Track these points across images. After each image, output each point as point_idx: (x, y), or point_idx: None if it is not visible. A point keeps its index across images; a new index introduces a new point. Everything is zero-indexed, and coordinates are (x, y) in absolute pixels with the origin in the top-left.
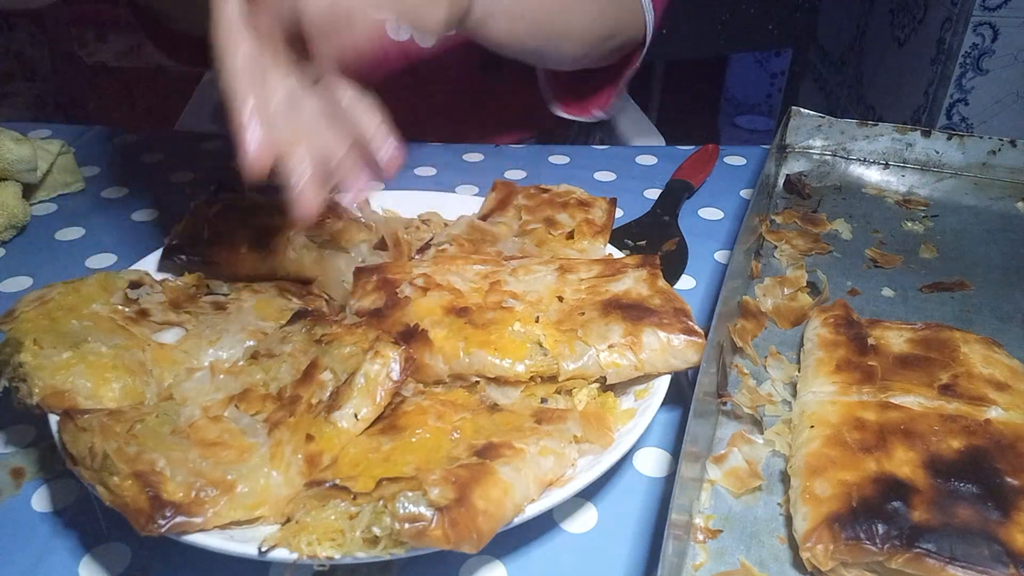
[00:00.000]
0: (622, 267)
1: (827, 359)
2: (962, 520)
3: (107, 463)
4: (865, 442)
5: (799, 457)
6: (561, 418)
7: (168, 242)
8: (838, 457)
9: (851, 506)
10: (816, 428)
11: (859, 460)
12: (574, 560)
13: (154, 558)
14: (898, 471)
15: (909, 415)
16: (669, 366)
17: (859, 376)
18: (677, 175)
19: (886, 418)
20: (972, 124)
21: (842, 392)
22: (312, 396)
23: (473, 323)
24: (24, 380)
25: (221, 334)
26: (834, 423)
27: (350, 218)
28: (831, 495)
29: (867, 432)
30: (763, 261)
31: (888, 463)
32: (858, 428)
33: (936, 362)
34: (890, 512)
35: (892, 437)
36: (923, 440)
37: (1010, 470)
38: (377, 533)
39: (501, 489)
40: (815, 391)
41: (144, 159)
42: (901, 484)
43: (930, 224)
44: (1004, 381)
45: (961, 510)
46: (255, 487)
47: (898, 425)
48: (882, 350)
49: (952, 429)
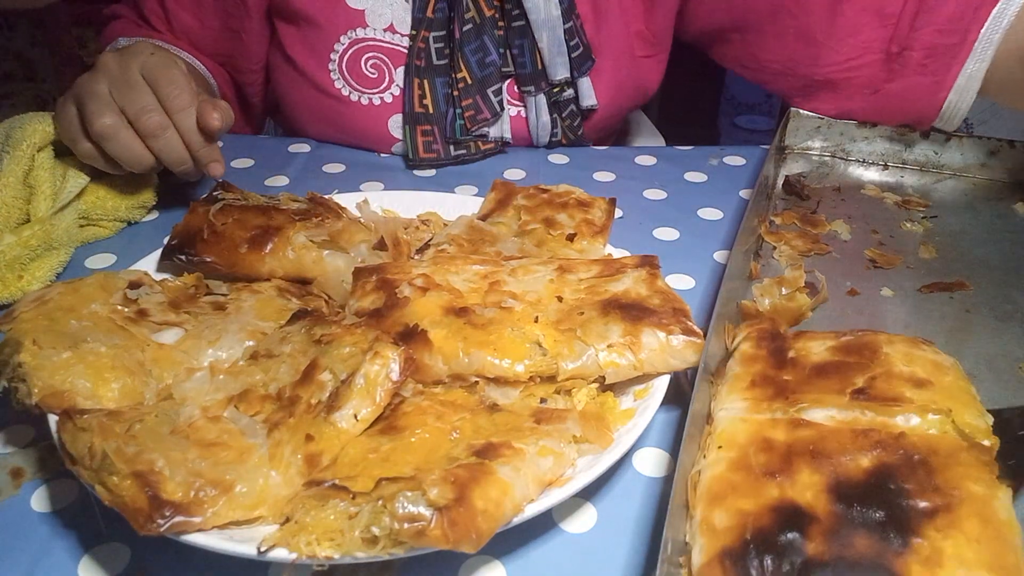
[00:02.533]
0: (621, 267)
1: (743, 375)
2: (858, 551)
3: (106, 463)
4: (770, 465)
5: (703, 482)
6: (560, 418)
7: (168, 242)
8: (740, 483)
9: (745, 539)
10: (723, 449)
11: (761, 486)
12: (574, 560)
13: (153, 558)
14: (800, 497)
15: (819, 432)
16: (668, 366)
17: (771, 392)
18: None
19: (795, 437)
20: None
21: (753, 409)
22: (312, 396)
23: (472, 323)
24: (23, 380)
25: (220, 334)
26: (741, 443)
27: (350, 218)
28: (727, 527)
29: (773, 454)
30: (762, 262)
31: (791, 488)
32: (765, 450)
33: (854, 366)
34: (783, 545)
35: (799, 459)
36: (831, 461)
37: (918, 490)
38: (376, 533)
39: (500, 489)
40: (727, 408)
41: None
42: (800, 513)
43: (929, 225)
44: (925, 377)
45: (859, 540)
46: (254, 487)
47: (807, 445)
48: (800, 362)
49: (863, 445)
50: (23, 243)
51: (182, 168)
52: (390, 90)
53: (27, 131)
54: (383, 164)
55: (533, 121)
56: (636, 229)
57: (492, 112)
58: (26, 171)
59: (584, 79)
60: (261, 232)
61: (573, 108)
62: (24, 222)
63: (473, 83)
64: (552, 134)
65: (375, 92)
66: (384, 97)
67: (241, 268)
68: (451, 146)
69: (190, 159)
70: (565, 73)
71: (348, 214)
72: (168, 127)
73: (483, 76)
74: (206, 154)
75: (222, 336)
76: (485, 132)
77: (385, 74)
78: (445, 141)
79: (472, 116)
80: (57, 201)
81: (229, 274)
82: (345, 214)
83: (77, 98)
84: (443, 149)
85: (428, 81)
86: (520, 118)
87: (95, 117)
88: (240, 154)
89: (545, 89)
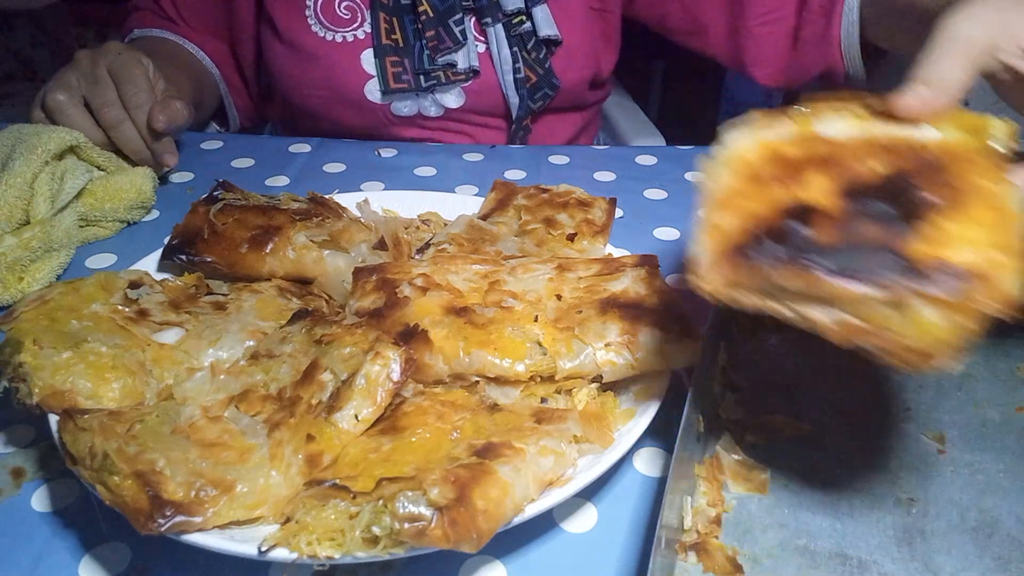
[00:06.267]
0: (620, 266)
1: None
2: (864, 237)
3: (107, 463)
4: (782, 174)
5: (709, 195)
6: (561, 418)
7: (168, 242)
8: (749, 190)
9: (755, 234)
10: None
11: (771, 191)
12: (574, 560)
13: (154, 558)
14: (811, 198)
15: (834, 146)
16: (666, 365)
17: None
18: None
19: (810, 151)
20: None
21: (763, 125)
22: (312, 397)
23: (473, 323)
24: (24, 380)
25: (221, 334)
26: (750, 160)
27: (350, 218)
28: (735, 227)
29: (786, 166)
30: None
31: (802, 191)
32: (777, 162)
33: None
34: (790, 233)
35: (812, 167)
36: (845, 168)
37: (930, 186)
38: (377, 533)
39: (501, 489)
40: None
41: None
42: (811, 210)
43: None
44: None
45: (866, 229)
46: (255, 487)
47: (822, 157)
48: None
49: (880, 155)
50: (24, 244)
51: (139, 158)
52: (363, 27)
53: (43, 138)
54: (383, 164)
55: (496, 55)
56: (636, 229)
57: (455, 41)
58: (35, 174)
59: (539, 8)
60: (262, 232)
61: (536, 40)
62: (24, 223)
63: (435, 15)
64: (515, 69)
65: (348, 30)
66: (357, 34)
67: (242, 268)
68: (421, 77)
69: (145, 150)
70: (518, 3)
71: (348, 214)
72: (125, 120)
73: (444, 9)
74: (157, 148)
75: (223, 336)
76: (453, 62)
77: (358, 14)
78: (415, 72)
79: (435, 46)
80: (56, 202)
81: (229, 274)
82: (345, 214)
83: (48, 86)
84: (413, 80)
85: (397, 19)
86: (486, 55)
87: (49, 92)
88: (240, 154)
89: (502, 20)
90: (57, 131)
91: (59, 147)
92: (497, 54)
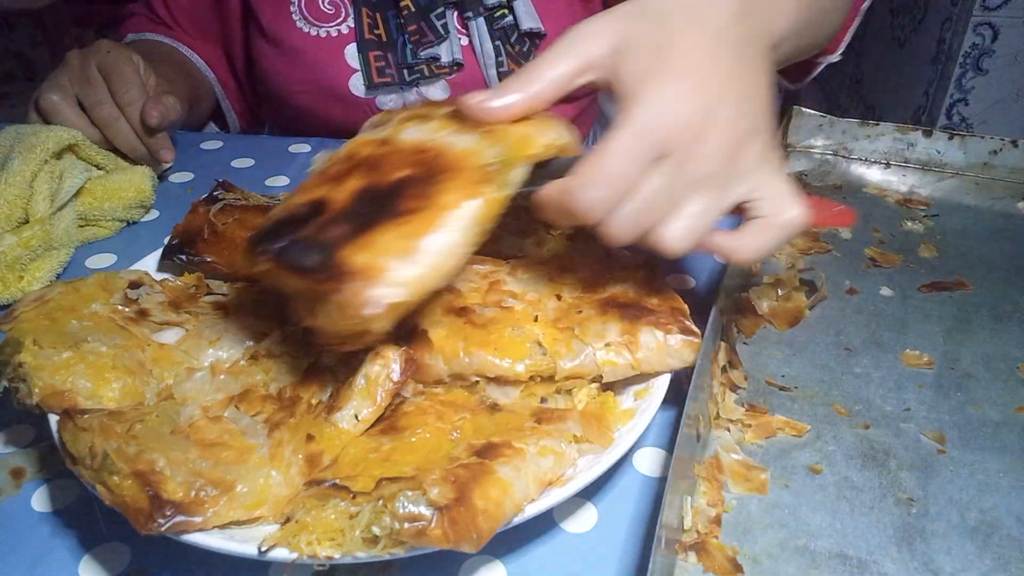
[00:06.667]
0: (621, 266)
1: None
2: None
3: (107, 463)
4: (338, 173)
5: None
6: (561, 418)
7: (168, 242)
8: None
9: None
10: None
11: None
12: (574, 560)
13: (154, 558)
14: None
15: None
16: (666, 365)
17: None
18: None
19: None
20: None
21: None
22: (312, 397)
23: (473, 323)
24: (24, 380)
25: (221, 334)
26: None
27: None
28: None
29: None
30: (763, 260)
31: (334, 191)
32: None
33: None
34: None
35: (360, 169)
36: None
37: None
38: (377, 533)
39: (501, 489)
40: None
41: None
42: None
43: (930, 224)
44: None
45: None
46: (255, 487)
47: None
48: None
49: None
50: (23, 243)
51: (135, 155)
52: (346, 22)
53: (41, 137)
54: None
55: (478, 49)
56: None
57: (437, 35)
58: (35, 173)
59: (520, 1)
60: None
61: (519, 34)
62: (24, 222)
63: (417, 10)
64: (498, 63)
65: (332, 25)
66: (341, 29)
67: (242, 268)
68: (404, 70)
69: (141, 146)
70: None
71: None
72: (118, 118)
73: (425, 3)
74: (152, 144)
75: (223, 336)
76: (436, 55)
77: (341, 10)
78: (398, 66)
79: (418, 40)
80: (55, 201)
81: (229, 274)
82: None
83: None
84: (397, 74)
85: (379, 14)
86: (469, 48)
87: (43, 94)
88: (240, 154)
89: (484, 14)
90: (56, 130)
91: (58, 146)
92: (480, 48)
